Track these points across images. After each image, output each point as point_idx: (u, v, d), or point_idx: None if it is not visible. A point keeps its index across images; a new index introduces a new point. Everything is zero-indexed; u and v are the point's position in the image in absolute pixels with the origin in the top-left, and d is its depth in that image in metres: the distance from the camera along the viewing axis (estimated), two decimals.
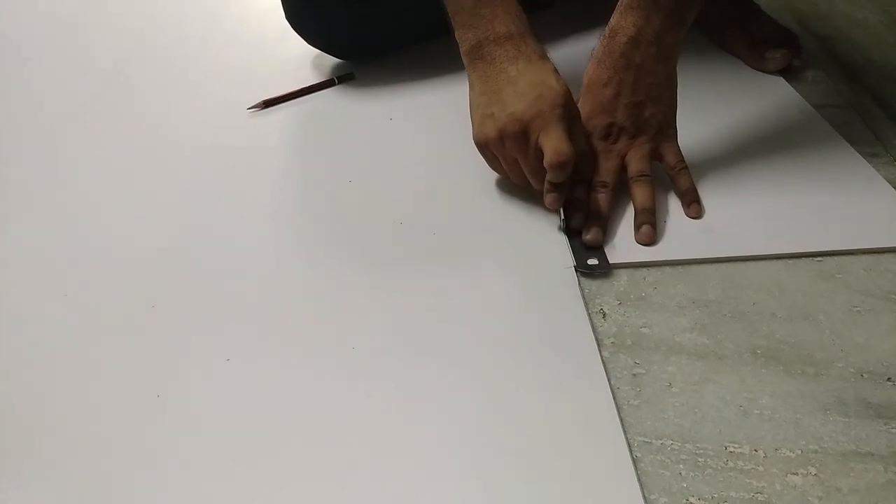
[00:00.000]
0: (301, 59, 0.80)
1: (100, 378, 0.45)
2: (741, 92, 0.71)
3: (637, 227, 0.54)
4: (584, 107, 0.58)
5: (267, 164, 0.64)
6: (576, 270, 0.51)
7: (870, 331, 0.47)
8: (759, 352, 0.46)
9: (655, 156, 0.57)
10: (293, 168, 0.63)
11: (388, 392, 0.43)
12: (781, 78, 0.73)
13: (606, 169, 0.56)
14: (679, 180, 0.56)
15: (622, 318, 0.48)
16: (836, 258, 0.52)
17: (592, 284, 0.51)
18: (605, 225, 0.54)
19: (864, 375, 0.44)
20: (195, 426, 0.42)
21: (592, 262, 0.51)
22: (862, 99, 0.71)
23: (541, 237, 0.54)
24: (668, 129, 0.57)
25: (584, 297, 0.49)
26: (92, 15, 0.94)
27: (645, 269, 0.52)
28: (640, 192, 0.55)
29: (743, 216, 0.55)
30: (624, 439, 0.40)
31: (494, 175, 0.60)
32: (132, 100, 0.75)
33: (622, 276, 0.51)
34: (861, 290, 0.50)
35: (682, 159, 0.57)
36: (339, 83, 0.75)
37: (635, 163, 0.56)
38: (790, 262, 0.52)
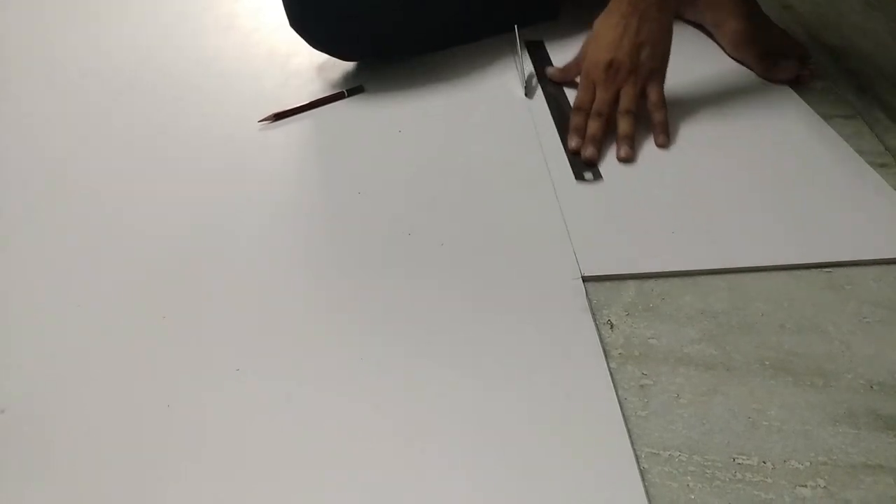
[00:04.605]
0: (311, 73, 0.81)
1: (110, 388, 0.45)
2: (750, 102, 0.71)
3: (618, 149, 0.64)
4: (592, 44, 0.68)
5: (277, 177, 0.65)
6: (577, 178, 0.61)
7: (879, 342, 0.47)
8: (767, 363, 0.45)
9: (643, 94, 0.67)
10: (303, 180, 0.64)
11: (396, 402, 0.43)
12: (790, 88, 0.73)
13: (603, 100, 0.66)
14: (655, 115, 0.66)
15: (630, 329, 0.48)
16: (844, 269, 0.52)
17: (600, 295, 0.51)
18: (600, 146, 0.64)
19: (874, 387, 0.44)
20: (205, 436, 0.42)
21: (588, 175, 0.62)
22: (871, 109, 0.71)
23: (549, 249, 0.54)
24: (658, 72, 0.67)
25: (591, 308, 0.49)
26: (103, 30, 0.95)
27: (653, 280, 0.52)
28: (623, 124, 0.65)
29: (751, 226, 0.55)
30: (631, 451, 0.40)
31: (503, 187, 0.61)
32: (144, 113, 0.76)
33: (630, 287, 0.51)
34: (870, 300, 0.49)
35: (662, 99, 0.67)
36: (349, 96, 0.76)
37: (625, 100, 0.66)
38: (798, 272, 0.52)
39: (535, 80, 0.77)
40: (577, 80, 0.71)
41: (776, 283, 0.51)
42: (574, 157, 0.64)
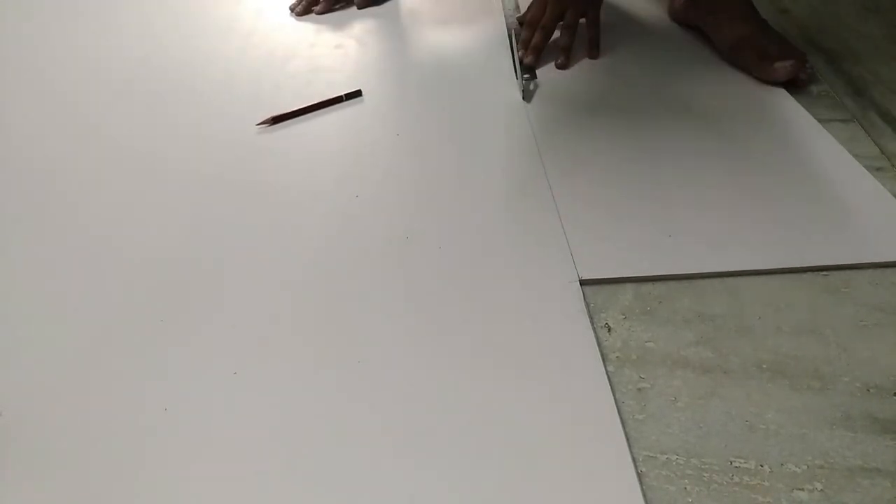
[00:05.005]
0: (309, 76, 0.81)
1: (108, 391, 0.45)
2: (746, 106, 0.71)
3: (557, 58, 0.81)
4: None
5: (275, 180, 0.65)
6: (523, 96, 0.75)
7: (876, 345, 0.47)
8: (764, 366, 0.46)
9: (583, 15, 0.83)
10: (301, 183, 0.64)
11: (393, 405, 0.43)
12: (786, 92, 0.73)
13: (550, 16, 0.82)
14: (588, 31, 0.83)
15: (627, 333, 0.48)
16: (841, 272, 0.52)
17: (598, 298, 0.51)
18: (539, 54, 0.81)
19: (871, 390, 0.44)
20: (202, 439, 0.42)
21: (527, 76, 0.77)
22: (867, 113, 0.71)
23: (545, 252, 0.54)
24: (597, 1, 0.84)
25: (589, 312, 0.49)
26: (100, 33, 0.95)
27: (650, 284, 0.52)
28: (563, 37, 0.82)
29: (748, 229, 0.55)
30: (629, 454, 0.40)
31: (501, 190, 0.61)
32: (141, 115, 0.76)
33: (627, 291, 0.51)
34: (867, 304, 0.50)
35: (597, 20, 0.84)
36: (346, 100, 0.76)
37: (569, 17, 0.82)
38: (795, 275, 0.52)
39: (532, 84, 0.78)
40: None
41: (773, 287, 0.51)
42: (519, 62, 0.79)
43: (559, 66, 0.80)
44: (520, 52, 0.80)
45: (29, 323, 0.51)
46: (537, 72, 0.80)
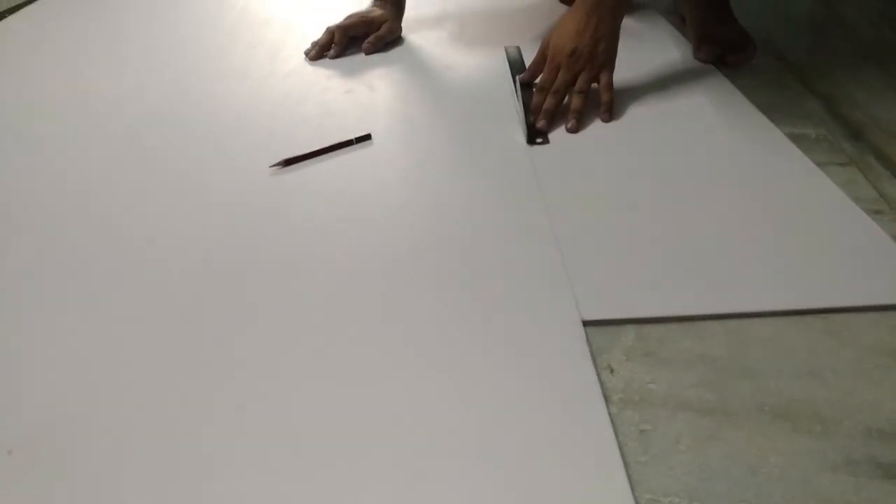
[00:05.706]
0: (321, 120, 0.84)
1: (116, 428, 0.46)
2: (746, 151, 0.73)
3: (567, 121, 0.80)
4: (556, 33, 0.83)
5: (287, 220, 0.66)
6: (529, 142, 0.77)
7: (878, 388, 0.47)
8: (766, 409, 0.46)
9: (595, 79, 0.82)
10: (312, 224, 0.66)
11: (396, 446, 0.44)
12: (786, 137, 0.75)
13: (563, 81, 0.81)
14: (604, 95, 0.82)
15: (629, 374, 0.49)
16: (842, 315, 0.53)
17: (600, 340, 0.51)
18: (552, 119, 0.80)
19: (874, 433, 0.44)
20: (210, 474, 0.43)
21: (539, 140, 0.77)
22: (865, 156, 0.72)
23: (548, 293, 0.55)
24: (609, 63, 0.82)
25: (591, 353, 0.50)
26: (118, 77, 0.99)
27: (651, 325, 0.53)
28: (575, 101, 0.81)
29: (748, 272, 0.56)
30: (631, 497, 0.40)
31: (504, 231, 0.62)
32: (156, 157, 0.78)
33: (629, 332, 0.52)
34: (868, 346, 0.50)
35: (611, 84, 0.82)
36: (356, 143, 0.78)
37: (581, 82, 0.81)
38: (796, 318, 0.53)
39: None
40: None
41: (774, 329, 0.52)
42: (531, 128, 0.79)
43: (570, 130, 0.79)
44: (531, 118, 0.80)
45: (38, 361, 0.52)
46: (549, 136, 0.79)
